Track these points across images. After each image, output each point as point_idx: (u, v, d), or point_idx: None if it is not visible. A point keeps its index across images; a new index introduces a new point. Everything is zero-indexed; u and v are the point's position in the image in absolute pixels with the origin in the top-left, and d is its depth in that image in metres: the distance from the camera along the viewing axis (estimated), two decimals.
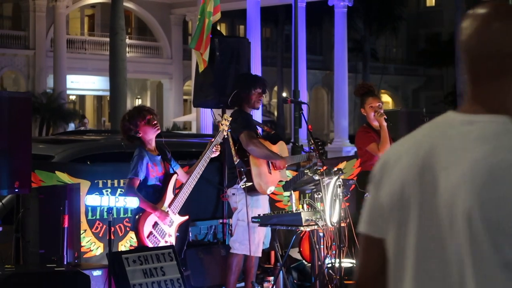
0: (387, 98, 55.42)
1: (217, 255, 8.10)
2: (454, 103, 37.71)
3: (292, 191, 7.33)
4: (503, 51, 1.87)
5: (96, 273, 6.53)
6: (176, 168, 6.98)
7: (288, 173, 8.09)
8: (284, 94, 45.36)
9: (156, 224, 6.66)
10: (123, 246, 7.50)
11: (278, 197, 8.63)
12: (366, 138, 8.02)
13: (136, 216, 6.67)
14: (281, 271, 7.47)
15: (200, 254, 7.98)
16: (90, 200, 6.55)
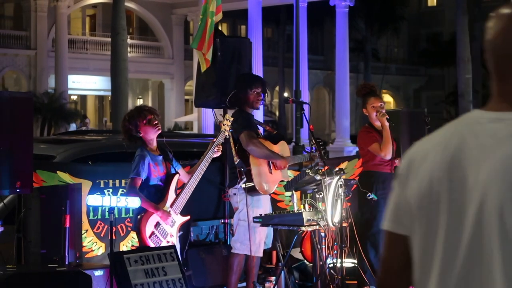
0: (389, 98, 55.40)
1: (218, 255, 8.09)
2: (455, 103, 37.68)
3: (293, 191, 7.32)
4: None
5: (98, 273, 6.53)
6: (177, 168, 6.96)
7: (290, 173, 8.09)
8: (286, 94, 45.36)
9: (158, 224, 6.66)
10: (125, 246, 7.49)
11: (279, 197, 8.62)
12: (368, 138, 8.02)
13: (138, 216, 6.66)
14: (282, 271, 7.46)
15: (201, 254, 7.97)
16: (92, 200, 6.55)
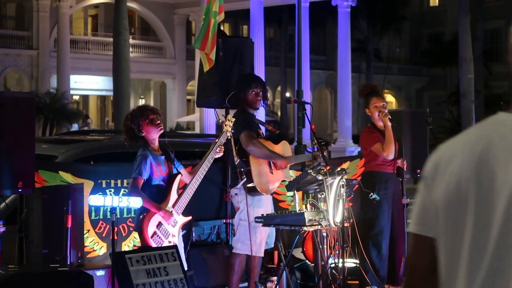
0: (391, 98, 55.38)
1: (220, 255, 8.09)
2: (457, 103, 37.65)
3: (295, 191, 7.32)
4: None
5: (100, 273, 6.53)
6: (179, 168, 6.96)
7: (292, 173, 8.08)
8: (288, 94, 45.36)
9: (160, 224, 6.65)
10: (127, 246, 7.49)
11: (281, 197, 8.62)
12: (371, 138, 8.02)
13: (140, 216, 6.65)
14: (284, 271, 7.46)
15: (203, 254, 7.97)
16: (94, 200, 6.55)
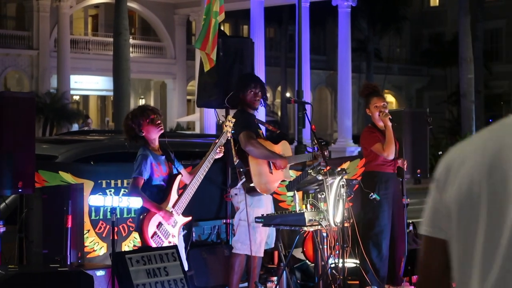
0: (391, 98, 55.39)
1: (220, 255, 8.09)
2: (457, 103, 37.65)
3: (295, 191, 7.31)
4: None
5: (100, 273, 6.53)
6: (179, 168, 6.95)
7: (292, 173, 8.08)
8: (288, 94, 45.38)
9: (160, 224, 6.65)
10: (127, 246, 7.49)
11: (281, 197, 8.62)
12: (371, 138, 8.02)
13: (140, 217, 6.65)
14: (284, 271, 7.46)
15: (203, 254, 7.97)
16: (94, 200, 6.55)
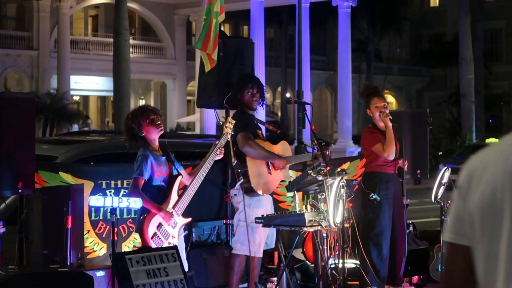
0: (391, 99, 55.41)
1: (220, 255, 8.09)
2: (457, 103, 37.67)
3: (295, 191, 7.31)
4: None
5: (100, 273, 6.53)
6: (179, 169, 6.94)
7: (292, 174, 8.08)
8: (288, 95, 45.39)
9: (160, 225, 6.64)
10: (127, 246, 7.49)
11: (281, 198, 8.62)
12: (372, 138, 8.01)
13: (140, 217, 6.65)
14: (284, 272, 7.46)
15: (203, 255, 7.97)
16: (94, 200, 6.55)
